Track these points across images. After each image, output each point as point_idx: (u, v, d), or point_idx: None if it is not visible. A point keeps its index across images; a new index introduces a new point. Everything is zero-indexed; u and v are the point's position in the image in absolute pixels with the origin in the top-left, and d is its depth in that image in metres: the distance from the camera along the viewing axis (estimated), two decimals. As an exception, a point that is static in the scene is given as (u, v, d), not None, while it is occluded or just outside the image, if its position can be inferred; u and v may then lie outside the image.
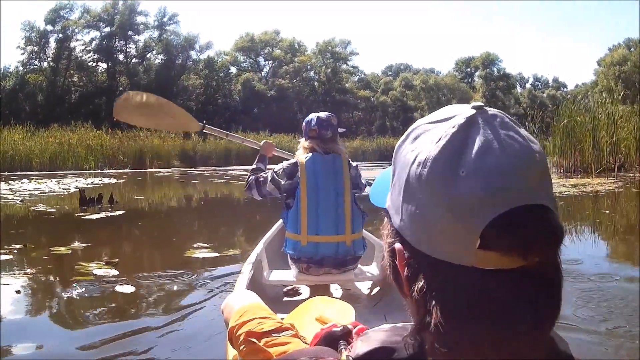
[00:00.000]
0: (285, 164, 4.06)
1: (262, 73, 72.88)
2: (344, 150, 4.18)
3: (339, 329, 1.04)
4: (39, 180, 23.13)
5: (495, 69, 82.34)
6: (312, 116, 4.11)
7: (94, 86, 60.94)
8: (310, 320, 1.75)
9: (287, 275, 4.23)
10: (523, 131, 0.72)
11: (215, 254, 6.98)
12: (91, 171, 32.56)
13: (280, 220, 4.79)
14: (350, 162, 4.12)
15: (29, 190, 18.05)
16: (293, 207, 3.95)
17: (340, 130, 4.24)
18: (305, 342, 1.45)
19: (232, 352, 1.92)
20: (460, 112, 0.73)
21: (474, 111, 0.72)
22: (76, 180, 22.93)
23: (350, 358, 0.82)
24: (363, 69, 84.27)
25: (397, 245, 0.75)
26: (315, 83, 74.21)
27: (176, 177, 27.53)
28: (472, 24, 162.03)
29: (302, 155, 4.03)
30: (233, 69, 71.78)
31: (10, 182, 22.29)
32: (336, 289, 4.51)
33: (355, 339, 0.88)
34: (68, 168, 33.19)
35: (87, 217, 11.08)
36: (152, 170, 35.07)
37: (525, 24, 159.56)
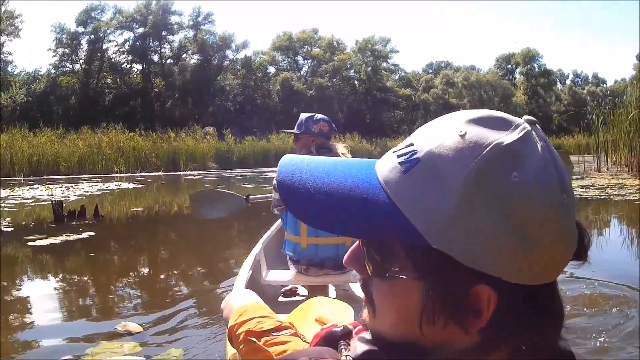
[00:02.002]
0: None
1: (301, 72, 70.65)
2: (345, 152, 4.15)
3: (339, 329, 1.00)
4: (50, 186, 21.45)
5: (536, 65, 79.85)
6: (311, 114, 4.17)
7: (128, 88, 59.02)
8: (310, 321, 1.75)
9: (285, 275, 4.32)
10: None
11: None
12: (121, 174, 31.38)
13: (279, 221, 4.90)
14: None
15: (23, 198, 16.62)
16: None
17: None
18: (305, 341, 1.48)
19: (231, 350, 1.98)
20: (523, 127, 0.69)
21: (526, 124, 0.70)
22: (91, 186, 21.65)
23: (350, 358, 0.81)
24: (403, 67, 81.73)
25: (483, 287, 0.67)
26: (356, 82, 71.84)
27: (204, 181, 26.03)
28: (511, 19, 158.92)
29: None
30: (271, 69, 69.72)
31: (16, 187, 21.03)
32: (334, 290, 4.57)
33: (355, 339, 0.85)
34: (98, 172, 32.23)
35: (34, 242, 8.78)
36: (186, 172, 33.71)
37: (563, 20, 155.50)
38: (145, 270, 7.64)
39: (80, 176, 29.75)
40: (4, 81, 52.12)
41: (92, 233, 9.63)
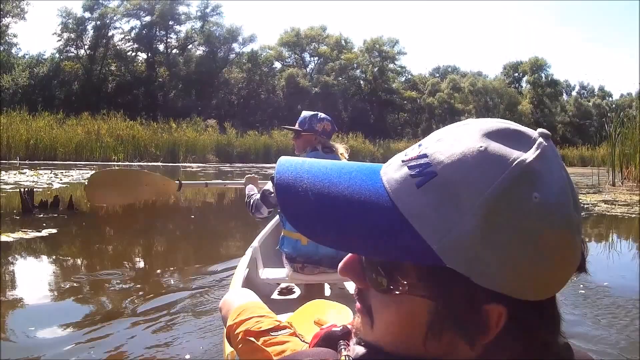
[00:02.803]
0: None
1: (307, 69, 69.86)
2: (344, 153, 4.10)
3: (338, 329, 1.00)
4: (40, 171, 20.61)
5: (543, 75, 78.70)
6: (315, 113, 4.09)
7: (132, 76, 58.57)
8: (309, 323, 1.75)
9: (282, 273, 4.19)
10: None
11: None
12: (119, 163, 30.79)
13: (275, 219, 4.99)
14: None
15: (6, 183, 15.33)
16: None
17: None
18: (303, 341, 1.50)
19: (229, 350, 1.98)
20: (539, 142, 0.68)
21: (541, 139, 0.69)
22: (81, 174, 20.09)
23: (350, 358, 0.80)
24: (410, 69, 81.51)
25: (495, 306, 0.67)
26: (361, 82, 70.92)
27: (200, 174, 25.24)
28: (519, 27, 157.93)
29: (303, 153, 4.01)
30: (277, 64, 69.00)
31: (3, 171, 19.51)
32: (330, 288, 4.51)
33: (354, 339, 0.85)
34: (95, 159, 31.61)
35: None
36: (184, 164, 33.09)
37: (570, 31, 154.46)
38: (136, 264, 7.35)
39: (76, 162, 29.09)
40: (6, 63, 51.78)
41: (53, 230, 8.40)
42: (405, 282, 0.69)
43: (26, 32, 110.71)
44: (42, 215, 9.83)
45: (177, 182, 5.23)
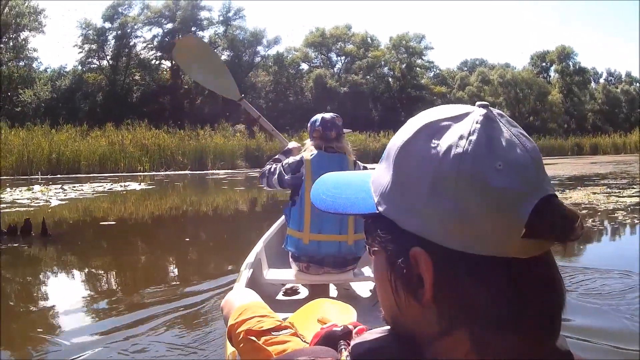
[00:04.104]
0: (290, 159, 4.14)
1: (335, 69, 68.00)
2: (350, 150, 4.22)
3: (339, 329, 1.04)
4: (50, 187, 19.29)
5: (570, 63, 76.70)
6: (317, 117, 4.21)
7: (157, 85, 57.26)
8: (312, 322, 1.76)
9: (286, 274, 4.26)
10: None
11: None
12: (145, 173, 29.60)
13: (281, 219, 5.11)
14: (358, 163, 4.21)
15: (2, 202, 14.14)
16: (297, 204, 4.03)
17: (347, 130, 4.31)
18: (304, 341, 1.50)
19: (230, 349, 2.01)
20: (469, 110, 0.74)
21: (484, 110, 0.73)
22: (93, 188, 19.42)
23: (350, 358, 0.81)
24: (438, 65, 79.36)
25: (416, 249, 0.70)
26: (390, 79, 69.12)
27: (225, 181, 25.00)
28: (543, 16, 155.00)
29: (307, 153, 4.09)
30: (304, 66, 67.33)
31: (8, 188, 18.69)
32: (335, 289, 4.53)
33: (354, 339, 0.87)
34: (120, 170, 30.30)
35: None
36: (213, 171, 31.87)
37: (595, 18, 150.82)
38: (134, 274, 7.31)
39: (99, 175, 27.90)
40: (28, 78, 51.41)
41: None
42: (370, 239, 0.79)
43: (47, 46, 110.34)
44: (3, 246, 8.41)
45: (242, 95, 5.32)
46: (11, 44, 50.57)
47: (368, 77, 65.71)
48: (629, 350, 3.97)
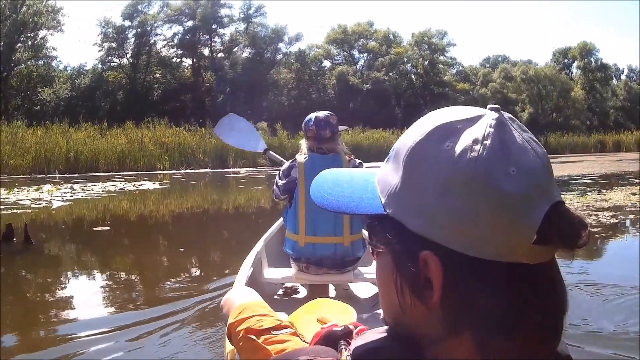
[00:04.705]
0: (285, 164, 4.16)
1: (357, 66, 67.06)
2: (344, 150, 4.18)
3: (339, 329, 1.04)
4: (59, 186, 18.29)
5: (592, 60, 75.48)
6: (311, 116, 4.15)
7: (178, 82, 56.58)
8: (311, 321, 1.76)
9: (286, 273, 4.24)
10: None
11: None
12: (165, 171, 28.79)
13: (281, 219, 4.82)
14: (354, 160, 4.16)
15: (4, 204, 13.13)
16: (292, 206, 4.02)
17: (342, 128, 4.27)
18: (304, 341, 1.51)
19: (230, 347, 1.98)
20: (482, 113, 0.73)
21: (496, 114, 0.72)
22: (99, 186, 18.72)
23: (350, 358, 0.81)
24: (460, 61, 78.87)
25: (427, 252, 0.70)
26: (413, 76, 68.15)
27: (243, 180, 23.86)
28: (565, 12, 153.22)
29: (301, 156, 4.07)
30: (326, 63, 66.51)
31: (18, 187, 17.69)
32: (334, 289, 4.51)
33: (355, 339, 0.87)
34: (139, 168, 29.52)
35: None
36: (234, 170, 30.89)
37: (615, 14, 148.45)
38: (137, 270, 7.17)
39: (117, 173, 27.04)
40: (47, 76, 51.26)
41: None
42: (375, 240, 0.78)
43: (66, 45, 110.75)
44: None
45: (266, 147, 5.61)
46: (29, 42, 50.31)
47: (390, 74, 64.79)
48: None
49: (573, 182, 17.77)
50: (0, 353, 3.79)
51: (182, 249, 8.36)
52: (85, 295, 5.64)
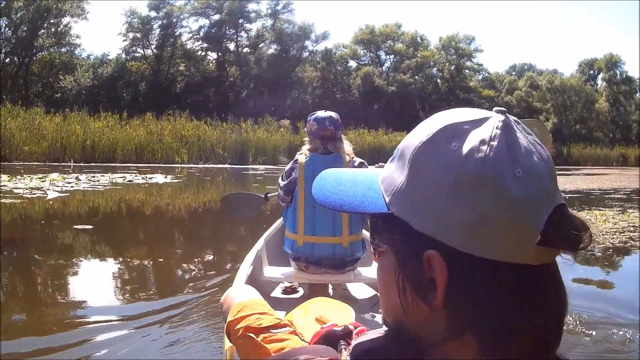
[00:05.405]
0: (287, 165, 4.12)
1: (383, 68, 65.65)
2: (346, 149, 4.07)
3: (339, 329, 1.03)
4: (65, 175, 17.49)
5: (618, 72, 73.84)
6: (314, 114, 4.08)
7: (202, 76, 55.54)
8: (310, 320, 1.75)
9: (285, 271, 4.23)
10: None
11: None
12: (182, 165, 28.01)
13: (282, 218, 4.78)
14: (355, 160, 4.05)
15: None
16: (291, 206, 4.00)
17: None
18: (303, 340, 1.49)
19: (228, 345, 1.96)
20: (488, 115, 0.73)
21: (502, 116, 0.73)
22: (107, 177, 17.89)
23: (350, 358, 0.81)
24: (487, 67, 76.33)
25: (431, 252, 0.69)
26: (438, 80, 66.77)
27: (259, 177, 22.61)
28: (592, 23, 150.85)
29: (302, 156, 4.02)
30: (352, 63, 65.19)
31: (19, 175, 16.75)
32: (334, 289, 4.48)
33: (355, 339, 0.87)
34: (157, 161, 29.05)
35: None
36: (253, 166, 30.27)
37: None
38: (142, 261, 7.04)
39: (133, 165, 26.46)
40: (69, 64, 50.90)
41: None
42: (378, 239, 0.78)
43: (90, 34, 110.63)
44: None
45: (266, 193, 5.35)
46: (53, 29, 49.67)
47: (416, 77, 63.74)
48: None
49: (606, 196, 16.68)
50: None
51: (181, 248, 8.30)
52: (80, 291, 5.46)
